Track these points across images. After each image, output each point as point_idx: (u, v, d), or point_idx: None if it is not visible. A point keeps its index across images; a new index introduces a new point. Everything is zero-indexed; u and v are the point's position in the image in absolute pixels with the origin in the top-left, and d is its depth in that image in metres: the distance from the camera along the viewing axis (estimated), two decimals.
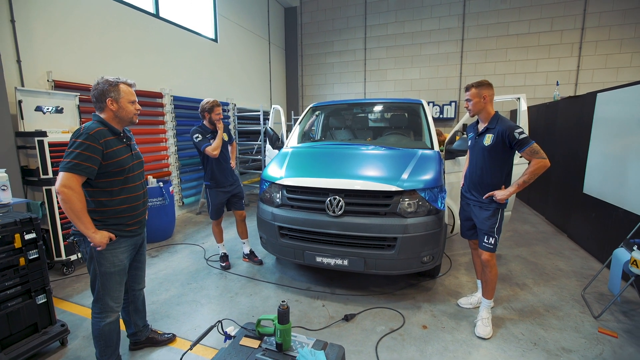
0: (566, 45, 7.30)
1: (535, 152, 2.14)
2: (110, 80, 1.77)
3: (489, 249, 2.35)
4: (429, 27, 8.31)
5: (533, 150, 2.14)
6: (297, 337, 1.66)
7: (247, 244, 3.70)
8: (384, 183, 2.63)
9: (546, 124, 5.55)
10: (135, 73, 4.61)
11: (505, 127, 2.22)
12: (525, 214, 5.68)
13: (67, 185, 1.59)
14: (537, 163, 2.13)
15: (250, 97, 7.78)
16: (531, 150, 2.14)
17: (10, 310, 2.01)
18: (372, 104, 4.58)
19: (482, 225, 2.39)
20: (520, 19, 7.55)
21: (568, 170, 4.50)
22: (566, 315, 2.62)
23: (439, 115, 8.44)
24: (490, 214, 2.34)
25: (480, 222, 2.40)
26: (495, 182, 2.34)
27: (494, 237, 2.34)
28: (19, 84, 3.28)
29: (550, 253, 3.90)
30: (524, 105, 3.53)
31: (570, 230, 4.38)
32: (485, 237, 2.37)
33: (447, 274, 3.34)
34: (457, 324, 2.52)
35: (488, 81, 2.35)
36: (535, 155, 2.14)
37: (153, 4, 5.06)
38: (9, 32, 3.21)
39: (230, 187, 3.39)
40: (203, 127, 3.28)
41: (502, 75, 7.84)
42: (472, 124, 2.58)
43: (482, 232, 2.39)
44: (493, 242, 2.34)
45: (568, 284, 3.14)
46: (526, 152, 2.16)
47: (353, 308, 2.73)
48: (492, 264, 2.37)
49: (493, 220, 2.33)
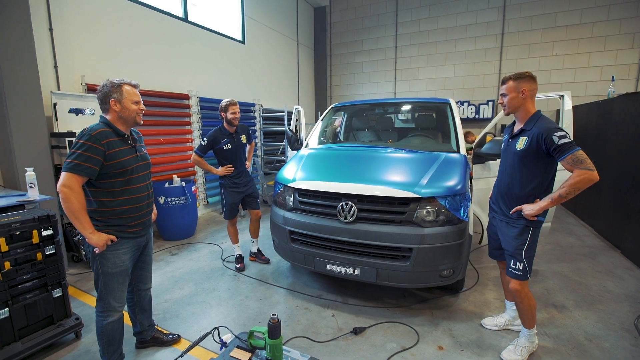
0: (625, 36, 6.48)
1: (579, 162, 1.73)
2: (114, 81, 1.78)
3: (517, 276, 1.98)
4: (465, 21, 7.82)
5: (577, 158, 1.73)
6: (290, 353, 1.56)
7: (255, 243, 3.68)
8: (400, 189, 2.44)
9: (598, 125, 4.94)
10: (162, 75, 4.79)
11: (543, 128, 1.84)
12: (571, 224, 5.10)
13: (66, 185, 1.62)
14: (581, 175, 1.72)
15: (277, 98, 7.82)
16: (574, 159, 1.74)
17: (27, 302, 2.11)
18: (395, 104, 4.35)
19: (507, 245, 2.04)
20: (571, 8, 6.84)
21: (623, 176, 3.94)
22: (613, 347, 2.25)
23: (475, 116, 7.91)
24: (518, 233, 1.98)
25: (506, 242, 2.05)
26: (526, 195, 1.97)
27: (522, 262, 1.96)
28: (55, 88, 3.51)
29: (598, 271, 3.43)
30: (568, 103, 3.14)
31: (625, 246, 3.84)
32: (511, 260, 2.01)
33: (473, 289, 3.05)
34: (478, 348, 2.26)
35: (531, 73, 1.96)
36: (578, 165, 1.73)
37: (182, 9, 5.23)
38: (47, 39, 3.45)
39: (244, 187, 3.40)
40: (222, 130, 3.27)
41: (548, 72, 7.16)
42: (511, 124, 2.19)
43: (507, 254, 2.05)
44: (522, 268, 1.97)
45: (618, 309, 2.72)
46: (567, 161, 1.76)
47: (364, 321, 2.57)
48: (524, 295, 2.00)
49: (520, 241, 1.97)
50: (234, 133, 3.29)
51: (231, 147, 3.26)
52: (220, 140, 3.22)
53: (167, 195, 4.23)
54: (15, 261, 2.05)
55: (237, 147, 3.31)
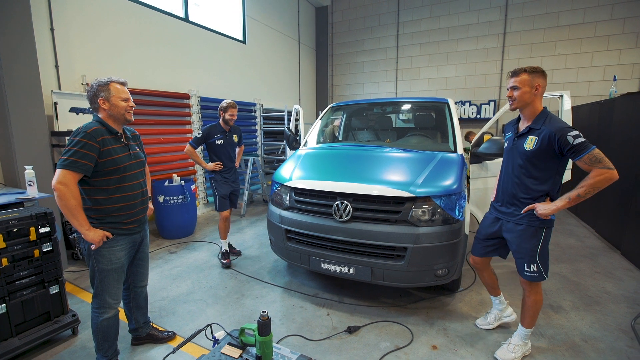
0: (629, 35, 6.42)
1: (597, 161, 1.68)
2: (101, 80, 1.81)
3: (534, 279, 1.93)
4: (467, 21, 7.79)
5: (594, 157, 1.68)
6: (280, 350, 1.56)
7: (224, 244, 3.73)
8: (395, 188, 2.44)
9: (599, 125, 4.90)
10: (163, 75, 4.82)
11: (555, 128, 1.78)
12: (572, 225, 5.06)
13: (62, 182, 1.64)
14: (600, 174, 1.67)
15: (278, 98, 7.84)
16: (592, 158, 1.68)
17: (24, 298, 2.14)
18: (393, 104, 4.34)
19: (519, 248, 1.96)
20: (574, 7, 6.79)
21: (624, 178, 3.89)
22: (608, 349, 2.24)
23: (477, 116, 7.88)
24: (532, 234, 1.91)
25: (517, 245, 1.96)
26: (535, 195, 1.92)
27: (536, 263, 1.90)
28: (56, 87, 3.55)
29: (597, 272, 3.41)
30: (567, 103, 3.12)
31: (625, 247, 3.80)
32: (524, 263, 1.94)
33: (469, 289, 3.04)
34: (472, 348, 2.25)
35: (542, 69, 1.89)
36: (597, 164, 1.68)
37: (182, 9, 5.26)
38: (48, 39, 3.49)
39: (233, 183, 3.62)
40: (217, 126, 3.49)
41: (550, 71, 7.09)
42: (512, 121, 2.11)
43: (518, 258, 1.98)
44: (536, 270, 1.92)
45: (615, 310, 2.70)
46: (584, 161, 1.70)
47: (359, 320, 2.57)
48: (536, 290, 2.00)
49: (534, 243, 1.90)
50: (227, 131, 3.54)
51: (223, 143, 3.50)
52: (214, 135, 3.45)
53: (166, 194, 4.26)
54: (12, 258, 2.08)
55: (228, 144, 3.56)
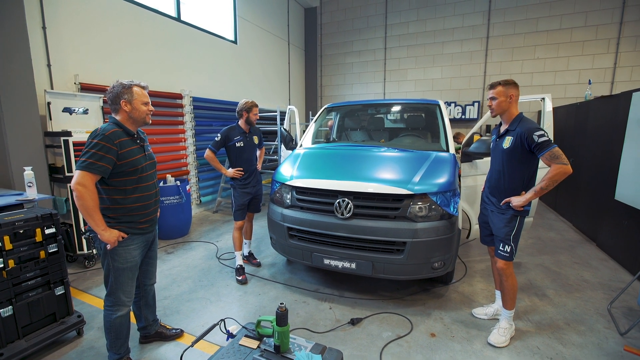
0: (602, 42, 6.85)
1: (555, 157, 2.02)
2: (124, 83, 1.84)
3: (505, 257, 2.25)
4: (452, 24, 8.07)
5: (553, 154, 2.02)
6: (296, 340, 1.66)
7: (248, 245, 3.65)
8: (394, 186, 2.57)
9: (576, 126, 5.22)
10: (156, 75, 4.78)
11: (525, 128, 2.11)
12: (551, 220, 5.38)
13: (81, 183, 1.67)
14: (556, 169, 2.00)
15: (269, 98, 7.87)
16: (551, 155, 2.02)
17: (31, 300, 2.13)
18: (387, 105, 4.49)
19: (498, 232, 2.29)
20: (551, 14, 7.17)
21: (599, 175, 4.21)
22: (589, 330, 2.45)
23: (462, 116, 8.17)
24: (507, 221, 2.23)
25: (497, 229, 2.30)
26: (513, 187, 2.23)
27: (510, 245, 2.23)
28: (48, 87, 3.49)
29: (576, 262, 3.67)
30: (549, 105, 3.34)
31: (600, 239, 4.10)
32: (501, 244, 2.27)
33: (462, 281, 3.22)
34: (468, 334, 2.42)
35: (514, 80, 2.27)
36: (555, 161, 2.02)
37: (174, 8, 5.23)
38: (40, 38, 3.42)
39: (253, 188, 3.37)
40: (237, 127, 3.27)
41: (530, 74, 7.47)
42: (498, 124, 2.48)
43: (498, 239, 2.31)
44: (509, 250, 2.24)
45: (593, 296, 2.94)
46: (545, 157, 2.04)
47: (360, 312, 2.69)
48: (509, 273, 2.28)
49: (509, 228, 2.23)
50: (247, 132, 3.28)
51: (243, 145, 3.25)
52: (234, 137, 3.21)
53: (162, 195, 4.24)
54: (19, 259, 2.07)
55: (249, 146, 3.30)
